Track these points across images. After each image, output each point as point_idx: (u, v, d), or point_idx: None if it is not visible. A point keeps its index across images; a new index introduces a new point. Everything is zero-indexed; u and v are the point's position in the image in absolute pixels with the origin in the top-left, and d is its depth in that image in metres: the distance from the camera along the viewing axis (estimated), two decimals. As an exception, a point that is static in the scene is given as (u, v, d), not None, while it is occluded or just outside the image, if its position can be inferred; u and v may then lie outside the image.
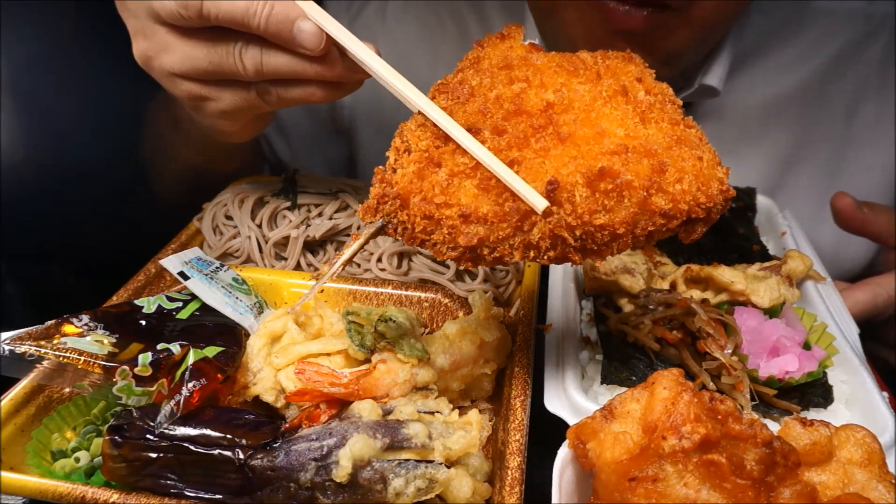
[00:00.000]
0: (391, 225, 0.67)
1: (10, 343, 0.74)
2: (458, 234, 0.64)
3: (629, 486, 0.59)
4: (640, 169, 0.63)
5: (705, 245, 1.08)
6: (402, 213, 0.66)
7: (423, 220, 0.65)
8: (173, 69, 0.86)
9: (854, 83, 1.31)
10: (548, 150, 0.65)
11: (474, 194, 0.65)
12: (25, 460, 0.74)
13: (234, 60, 0.82)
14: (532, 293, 0.98)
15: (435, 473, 0.67)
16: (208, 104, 0.90)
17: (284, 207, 1.09)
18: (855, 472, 0.62)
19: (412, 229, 0.66)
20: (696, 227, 0.66)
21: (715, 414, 0.60)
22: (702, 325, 0.84)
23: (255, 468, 0.68)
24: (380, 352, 0.81)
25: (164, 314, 0.85)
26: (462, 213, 0.64)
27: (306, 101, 0.87)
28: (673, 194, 0.63)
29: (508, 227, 0.64)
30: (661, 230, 0.64)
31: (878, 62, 1.31)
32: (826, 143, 1.32)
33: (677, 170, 0.64)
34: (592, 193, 0.63)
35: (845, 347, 0.86)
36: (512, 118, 0.68)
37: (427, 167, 0.66)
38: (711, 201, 0.64)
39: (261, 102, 0.88)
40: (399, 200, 0.66)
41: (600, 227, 0.63)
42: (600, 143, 0.65)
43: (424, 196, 0.65)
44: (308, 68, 0.81)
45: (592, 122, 0.67)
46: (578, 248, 0.65)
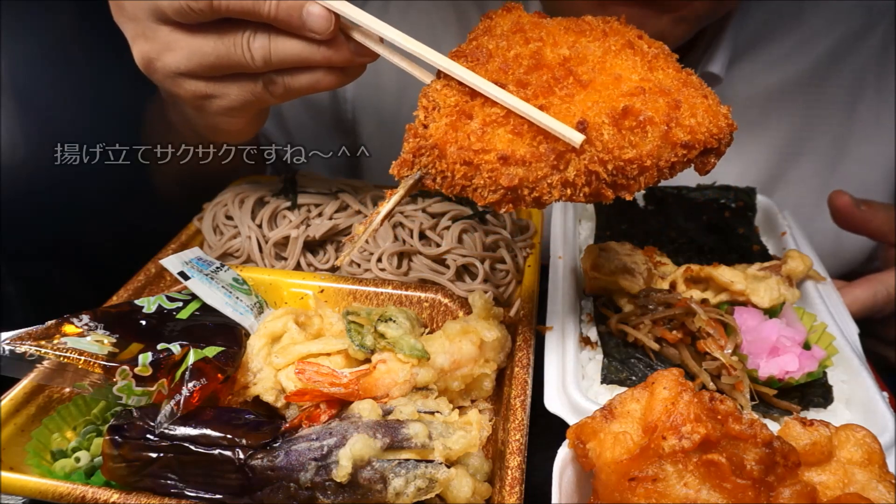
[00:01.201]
0: (429, 176, 0.71)
1: (10, 343, 0.74)
2: (498, 176, 0.68)
3: (629, 486, 0.59)
4: (657, 106, 0.69)
5: (705, 245, 1.08)
6: (441, 163, 0.69)
7: (463, 166, 0.69)
8: (178, 68, 0.86)
9: (853, 74, 1.31)
10: (572, 97, 0.70)
11: (509, 139, 0.69)
12: (25, 460, 0.74)
13: (241, 51, 0.82)
14: (532, 293, 0.98)
15: (435, 473, 0.67)
16: (213, 102, 0.90)
17: (284, 207, 1.09)
18: (855, 472, 0.62)
19: (452, 177, 0.69)
20: (709, 158, 0.72)
21: (715, 414, 0.60)
22: (702, 325, 0.84)
23: (256, 468, 0.68)
24: (380, 352, 0.81)
25: (164, 314, 0.85)
26: (500, 156, 0.68)
27: (313, 89, 0.87)
28: (689, 127, 0.69)
29: (546, 166, 0.68)
30: (682, 161, 0.70)
31: (876, 54, 1.31)
32: (826, 133, 1.33)
33: (689, 106, 0.70)
34: (619, 131, 0.68)
35: (845, 347, 0.86)
36: (533, 72, 0.72)
37: (459, 119, 0.70)
38: (721, 132, 0.71)
39: (267, 95, 0.88)
40: (437, 150, 0.69)
41: (629, 161, 0.68)
42: (619, 87, 0.71)
43: (461, 145, 0.69)
44: (316, 53, 0.82)
45: (608, 70, 0.73)
46: (610, 183, 0.69)
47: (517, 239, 1.10)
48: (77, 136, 1.04)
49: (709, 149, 0.71)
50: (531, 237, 1.12)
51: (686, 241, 1.08)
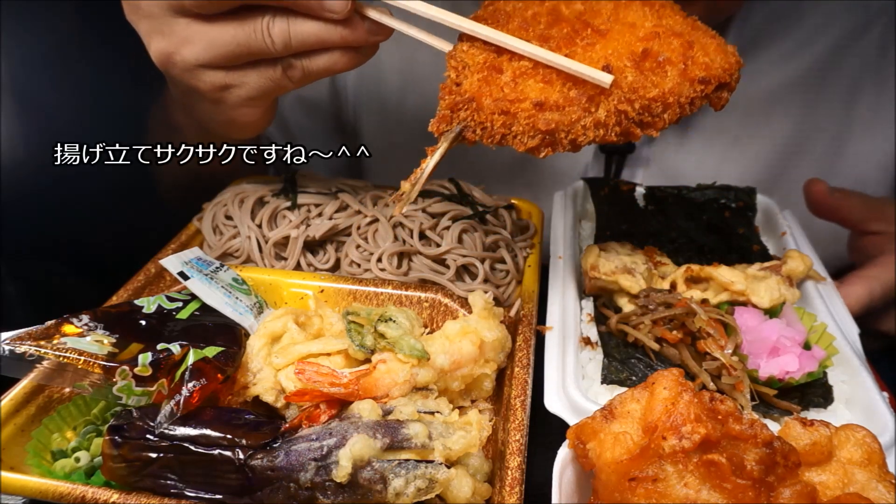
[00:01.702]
0: (469, 128, 0.75)
1: (10, 343, 0.74)
2: (535, 121, 0.73)
3: (629, 486, 0.59)
4: (673, 47, 0.76)
5: (705, 245, 1.08)
6: (479, 115, 0.74)
7: (501, 115, 0.74)
8: (199, 60, 0.87)
9: (852, 72, 1.32)
10: (593, 45, 0.76)
11: (541, 88, 0.74)
12: (25, 460, 0.74)
13: (262, 36, 0.84)
14: (532, 293, 0.98)
15: (435, 473, 0.67)
16: (233, 92, 0.91)
17: (284, 207, 1.09)
18: (855, 472, 0.62)
19: (491, 127, 0.74)
20: (723, 93, 0.78)
21: (715, 414, 0.60)
22: (702, 325, 0.84)
23: (255, 468, 0.68)
24: (380, 352, 0.81)
25: (164, 314, 0.85)
26: (535, 103, 0.73)
27: (330, 70, 0.89)
28: (704, 64, 0.76)
29: (578, 109, 0.73)
30: (700, 97, 0.76)
31: (875, 51, 1.32)
32: (826, 131, 1.34)
33: (701, 45, 0.77)
34: (640, 72, 0.74)
35: (845, 347, 0.86)
36: (552, 27, 0.78)
37: (490, 74, 0.75)
38: (732, 68, 0.77)
39: (286, 80, 0.89)
40: (474, 103, 0.74)
41: (653, 99, 0.74)
42: (635, 33, 0.77)
43: (496, 96, 0.74)
44: (333, 34, 0.84)
45: (622, 20, 0.79)
46: (637, 121, 0.75)
47: (517, 239, 1.10)
48: (77, 136, 1.03)
49: (722, 84, 0.77)
50: (531, 237, 1.12)
51: (686, 241, 1.08)
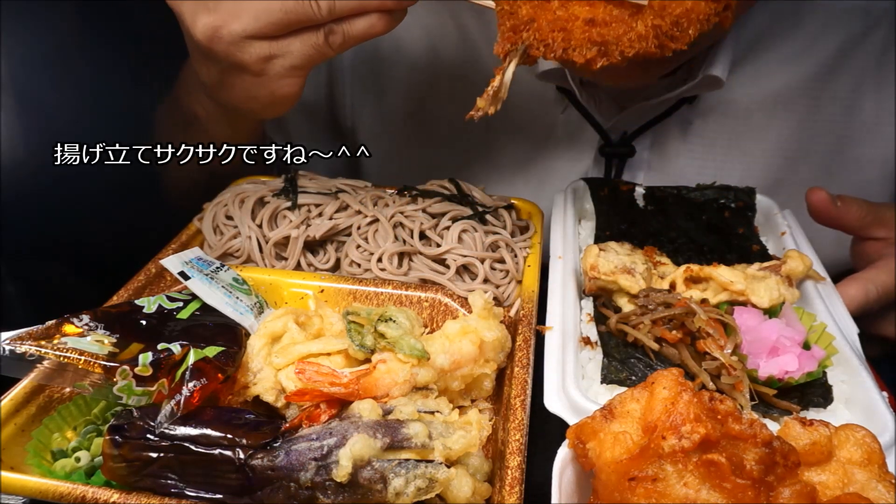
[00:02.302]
0: (532, 46, 0.83)
1: (11, 343, 0.74)
2: (591, 35, 0.81)
3: (629, 486, 0.59)
4: None
5: (705, 245, 1.08)
6: (540, 34, 0.82)
7: (560, 32, 0.82)
8: (246, 31, 0.90)
9: (853, 78, 1.32)
10: None
11: (587, 10, 0.83)
12: (26, 460, 0.74)
13: (308, 4, 0.88)
14: (532, 293, 0.98)
15: (435, 473, 0.67)
16: (276, 63, 0.94)
17: (285, 207, 1.09)
18: (855, 471, 0.62)
19: (553, 42, 0.82)
20: (727, 13, 0.85)
21: (715, 414, 0.60)
22: (701, 325, 0.84)
23: (256, 468, 0.69)
24: (380, 352, 0.81)
25: (164, 314, 0.85)
26: (587, 20, 0.82)
27: (367, 34, 0.94)
28: None
29: (622, 24, 0.82)
30: (713, 13, 0.83)
31: (876, 58, 1.32)
32: (827, 136, 1.34)
33: None
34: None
35: (845, 347, 0.86)
36: None
37: (541, 4, 0.84)
38: None
39: (327, 47, 0.93)
40: (534, 23, 0.83)
41: (679, 16, 0.82)
42: None
43: (550, 18, 0.82)
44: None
45: None
46: (669, 35, 0.82)
47: (517, 239, 1.10)
48: (77, 136, 1.04)
49: (727, 5, 0.84)
50: (531, 237, 1.12)
51: (686, 241, 1.08)
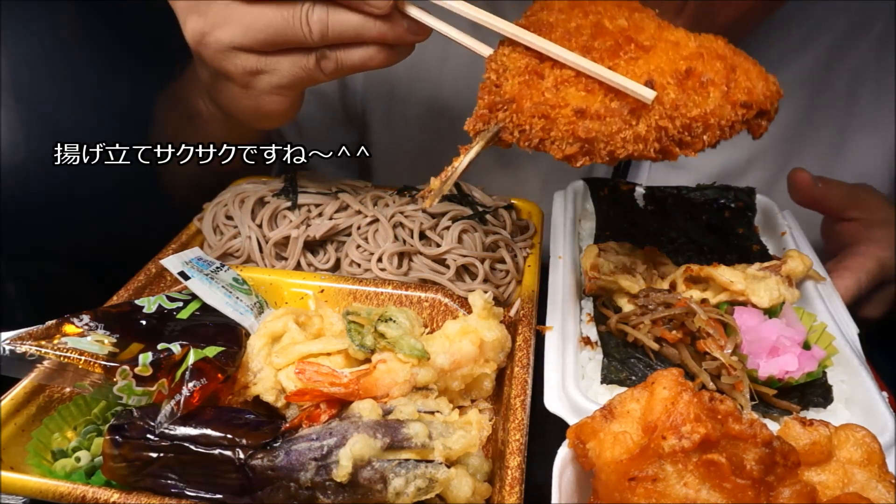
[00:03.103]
0: (506, 130, 0.74)
1: (11, 343, 0.74)
2: (575, 129, 0.72)
3: (629, 486, 0.59)
4: (716, 69, 0.75)
5: (705, 245, 1.08)
6: (518, 117, 0.74)
7: (540, 119, 0.73)
8: (233, 41, 0.87)
9: (853, 67, 1.34)
10: (636, 60, 0.76)
11: (582, 97, 0.74)
12: (26, 460, 0.74)
13: (299, 24, 0.84)
14: (532, 293, 0.98)
15: (435, 473, 0.67)
16: (262, 78, 0.91)
17: (285, 207, 1.09)
18: (854, 471, 0.62)
19: (529, 130, 0.73)
20: (762, 121, 0.78)
21: (715, 414, 0.60)
22: (701, 325, 0.84)
23: (256, 468, 0.69)
24: (380, 352, 0.81)
25: (164, 314, 0.85)
26: (576, 110, 0.73)
27: (364, 66, 0.89)
28: (746, 88, 0.75)
29: (619, 121, 0.72)
30: (740, 121, 0.75)
31: (874, 48, 1.34)
32: (827, 126, 1.36)
33: (744, 70, 0.76)
34: (683, 91, 0.74)
35: (845, 347, 0.86)
36: (596, 39, 0.78)
37: (531, 79, 0.75)
38: (773, 97, 0.77)
39: (318, 71, 0.89)
40: (514, 104, 0.74)
41: (694, 119, 0.73)
42: (679, 52, 0.77)
43: (536, 100, 0.73)
44: (372, 28, 0.84)
45: (665, 38, 0.78)
46: (677, 140, 0.74)
47: (517, 239, 1.10)
48: (77, 136, 1.04)
49: (762, 111, 0.77)
50: (531, 237, 1.12)
51: (686, 241, 1.09)
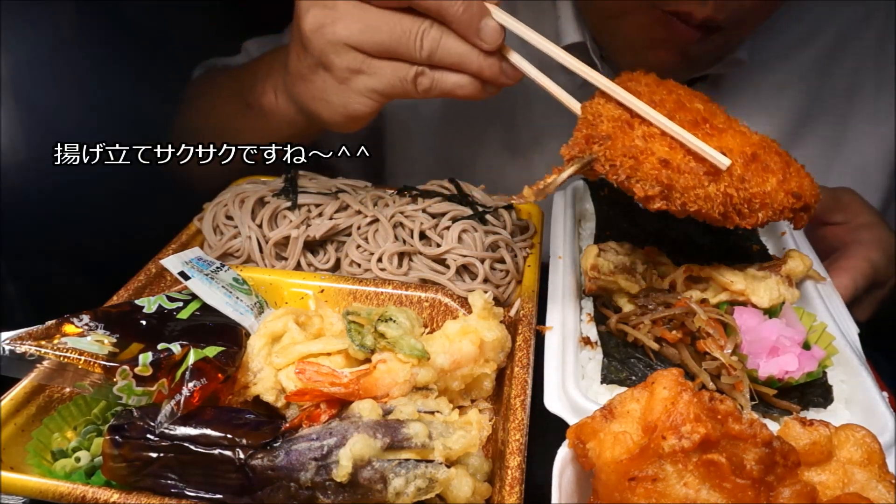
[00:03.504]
0: (599, 161, 0.81)
1: (11, 343, 0.74)
2: (659, 174, 0.80)
3: (629, 486, 0.59)
4: (775, 160, 0.86)
5: (705, 245, 1.08)
6: (611, 153, 0.80)
7: (630, 159, 0.80)
8: (349, 38, 0.92)
9: (853, 63, 1.37)
10: (711, 136, 0.85)
11: (666, 151, 0.82)
12: (26, 460, 0.74)
13: (413, 39, 0.91)
14: (532, 293, 0.98)
15: (435, 473, 0.67)
16: (360, 79, 0.96)
17: (285, 207, 1.09)
18: (855, 471, 0.62)
19: (619, 166, 0.80)
20: (804, 214, 0.87)
21: (715, 414, 0.60)
22: (701, 325, 0.84)
23: (256, 468, 0.69)
24: (380, 352, 0.81)
25: (164, 314, 0.85)
26: (661, 160, 0.80)
27: (453, 92, 0.95)
28: (798, 183, 0.86)
29: (695, 178, 0.81)
30: (789, 209, 0.84)
31: (875, 41, 1.37)
32: (828, 119, 1.39)
33: (795, 169, 0.87)
34: (748, 170, 0.83)
35: (845, 347, 0.86)
36: (678, 111, 0.87)
37: (623, 127, 0.83)
38: (816, 196, 0.87)
39: (412, 86, 0.95)
40: (609, 141, 0.80)
41: (754, 195, 0.83)
42: (746, 140, 0.88)
43: (628, 144, 0.81)
44: (474, 60, 0.92)
45: (735, 127, 0.90)
46: (737, 210, 0.82)
47: (517, 239, 1.10)
48: (77, 136, 1.04)
49: (807, 205, 0.86)
50: (531, 237, 1.12)
51: (686, 241, 1.08)
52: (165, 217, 1.17)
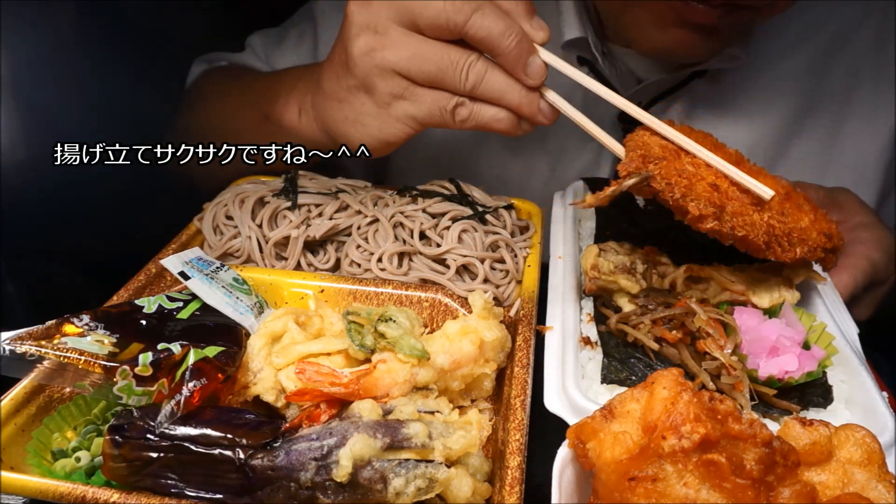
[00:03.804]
0: (655, 179, 0.83)
1: (11, 343, 0.74)
2: (711, 196, 0.83)
3: (629, 486, 0.59)
4: (806, 203, 0.93)
5: (705, 245, 1.08)
6: (667, 171, 0.83)
7: (684, 180, 0.83)
8: (397, 65, 0.94)
9: (849, 62, 1.39)
10: (750, 173, 0.88)
11: (714, 178, 0.85)
12: (26, 460, 0.74)
13: (459, 71, 0.93)
14: (532, 293, 0.98)
15: (435, 473, 0.67)
16: (401, 104, 0.97)
17: (285, 207, 1.09)
18: (854, 471, 0.62)
19: (674, 185, 0.82)
20: (833, 256, 0.91)
21: (714, 414, 0.60)
22: (701, 325, 0.84)
23: (256, 468, 0.69)
24: (380, 352, 0.81)
25: (164, 314, 0.85)
26: (712, 184, 0.84)
27: (489, 125, 0.97)
28: (827, 224, 0.91)
29: (742, 205, 0.84)
30: (820, 247, 0.88)
31: (873, 41, 1.38)
32: (825, 116, 1.40)
33: (821, 213, 0.93)
34: (785, 206, 0.88)
35: (845, 347, 0.86)
36: (716, 152, 0.90)
37: (673, 152, 0.86)
38: (841, 239, 0.92)
39: (450, 116, 0.97)
40: (665, 161, 0.84)
41: (793, 230, 0.86)
42: (778, 182, 0.93)
43: (679, 168, 0.84)
44: (514, 95, 0.95)
45: (764, 174, 0.94)
46: (778, 241, 0.85)
47: (517, 239, 1.10)
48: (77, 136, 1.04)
49: (835, 247, 0.89)
50: (531, 237, 1.12)
51: (686, 241, 1.08)
52: (165, 217, 1.17)
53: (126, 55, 0.96)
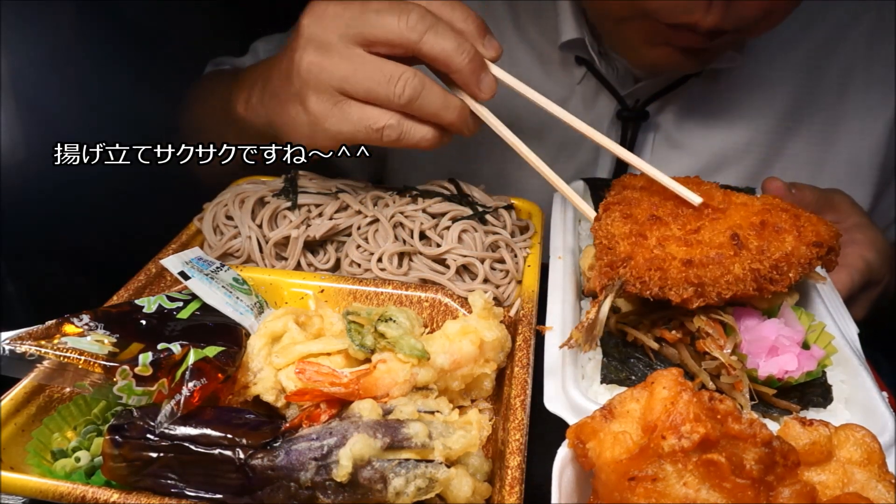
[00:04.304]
0: (628, 282, 0.83)
1: (11, 343, 0.74)
2: (687, 276, 0.82)
3: (629, 486, 0.59)
4: (784, 218, 0.88)
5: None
6: (636, 271, 0.83)
7: (656, 271, 0.82)
8: (333, 81, 0.95)
9: (844, 60, 1.40)
10: (717, 219, 0.89)
11: (684, 250, 0.84)
12: (26, 460, 0.74)
13: (394, 85, 0.93)
14: (532, 293, 0.98)
15: (435, 473, 0.67)
16: (331, 120, 0.97)
17: (285, 207, 1.09)
18: (854, 471, 0.62)
19: (648, 281, 0.82)
20: (832, 256, 0.89)
21: (714, 413, 0.60)
22: (701, 325, 0.84)
23: (256, 468, 0.69)
24: (380, 352, 0.81)
25: (164, 314, 0.85)
26: (684, 261, 0.83)
27: (418, 144, 0.98)
28: (814, 231, 0.87)
29: (719, 267, 0.82)
30: (816, 258, 0.86)
31: (866, 40, 1.39)
32: (820, 113, 1.41)
33: (806, 217, 0.89)
34: (763, 238, 0.85)
35: (844, 347, 0.86)
36: (680, 207, 0.91)
37: (637, 240, 0.86)
38: (835, 236, 0.89)
39: (376, 137, 0.97)
40: (631, 261, 0.84)
41: (779, 259, 0.84)
42: (749, 209, 0.90)
43: (647, 256, 0.84)
44: (451, 113, 0.96)
45: (734, 202, 0.93)
46: (768, 279, 0.83)
47: (517, 239, 1.10)
48: (77, 136, 1.04)
49: (831, 248, 0.87)
50: (531, 237, 1.12)
51: (686, 241, 1.08)
52: (165, 217, 1.17)
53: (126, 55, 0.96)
